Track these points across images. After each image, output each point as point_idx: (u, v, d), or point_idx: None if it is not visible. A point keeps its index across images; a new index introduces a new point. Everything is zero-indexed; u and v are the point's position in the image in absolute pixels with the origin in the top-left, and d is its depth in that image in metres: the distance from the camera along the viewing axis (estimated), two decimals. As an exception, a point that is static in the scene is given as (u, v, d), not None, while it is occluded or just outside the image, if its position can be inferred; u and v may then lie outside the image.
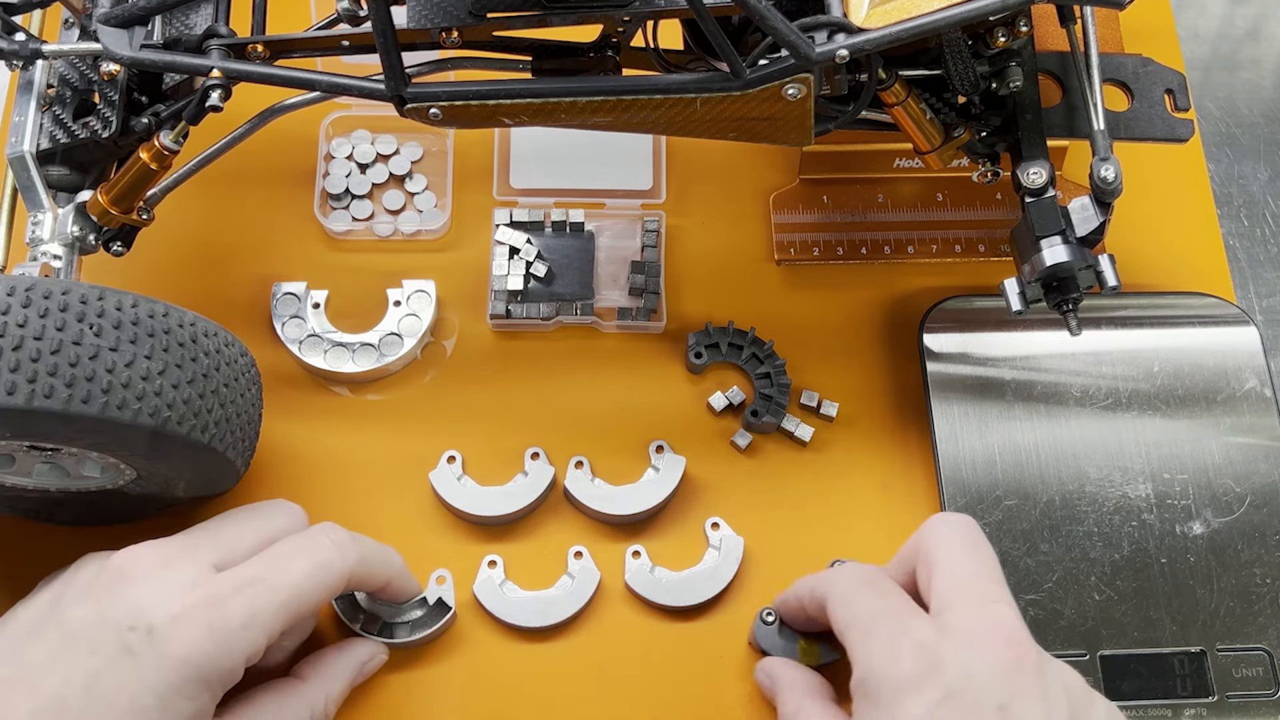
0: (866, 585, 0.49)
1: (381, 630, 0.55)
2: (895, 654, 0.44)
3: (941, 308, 0.62)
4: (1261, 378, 0.61)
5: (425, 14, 0.51)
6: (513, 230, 0.64)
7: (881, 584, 0.49)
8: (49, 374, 0.44)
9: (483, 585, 0.57)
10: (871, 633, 0.46)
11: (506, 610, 0.57)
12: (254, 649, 0.46)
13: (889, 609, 0.47)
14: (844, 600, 0.48)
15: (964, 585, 0.46)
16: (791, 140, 0.52)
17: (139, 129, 0.54)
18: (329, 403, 0.62)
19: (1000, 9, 0.48)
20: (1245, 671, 0.55)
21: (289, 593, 0.47)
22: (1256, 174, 0.70)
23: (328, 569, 0.49)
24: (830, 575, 0.51)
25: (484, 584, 0.57)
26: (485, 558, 0.58)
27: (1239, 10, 0.77)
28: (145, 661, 0.44)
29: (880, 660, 0.45)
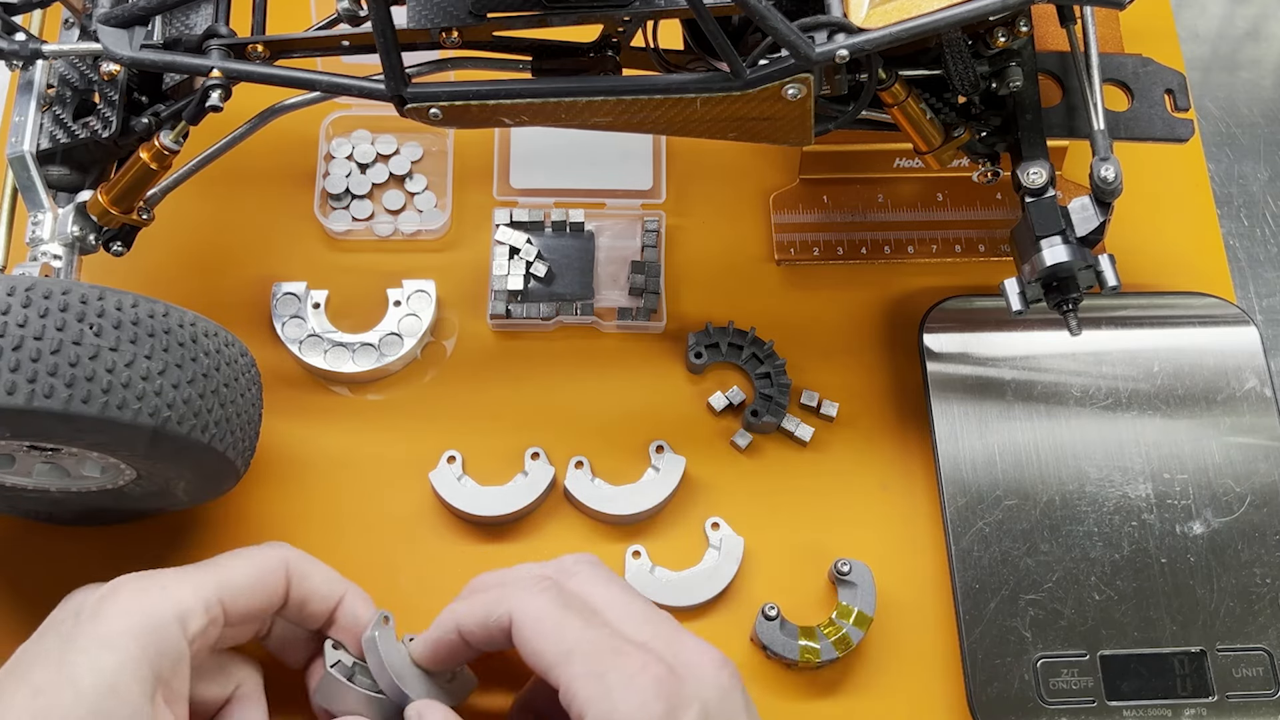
0: (563, 609, 0.45)
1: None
2: (639, 695, 0.42)
3: (941, 308, 0.62)
4: (1261, 378, 0.61)
5: (425, 14, 0.51)
6: (513, 230, 0.64)
7: (574, 605, 0.46)
8: (49, 374, 0.44)
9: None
10: (606, 673, 0.43)
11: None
12: (183, 607, 0.45)
13: (607, 641, 0.44)
14: (545, 630, 0.45)
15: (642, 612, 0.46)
16: (791, 140, 0.52)
17: (139, 129, 0.54)
18: (329, 403, 0.62)
19: (1000, 9, 0.48)
20: (1245, 671, 0.55)
21: (224, 572, 0.47)
22: (1256, 174, 0.70)
23: (266, 559, 0.49)
24: (504, 598, 0.47)
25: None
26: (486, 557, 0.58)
27: (1239, 10, 0.77)
28: (78, 630, 0.44)
29: (625, 705, 0.42)
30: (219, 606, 0.46)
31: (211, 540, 0.58)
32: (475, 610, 0.47)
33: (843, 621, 0.56)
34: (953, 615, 0.56)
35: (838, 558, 0.57)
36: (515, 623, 0.46)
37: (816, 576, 0.58)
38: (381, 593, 0.57)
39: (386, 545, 0.59)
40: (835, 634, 0.55)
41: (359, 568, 0.58)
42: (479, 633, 0.47)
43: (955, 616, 0.56)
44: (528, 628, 0.45)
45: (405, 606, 0.57)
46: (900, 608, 0.58)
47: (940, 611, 0.57)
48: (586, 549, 0.58)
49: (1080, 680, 0.55)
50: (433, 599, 0.57)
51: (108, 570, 0.55)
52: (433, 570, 0.58)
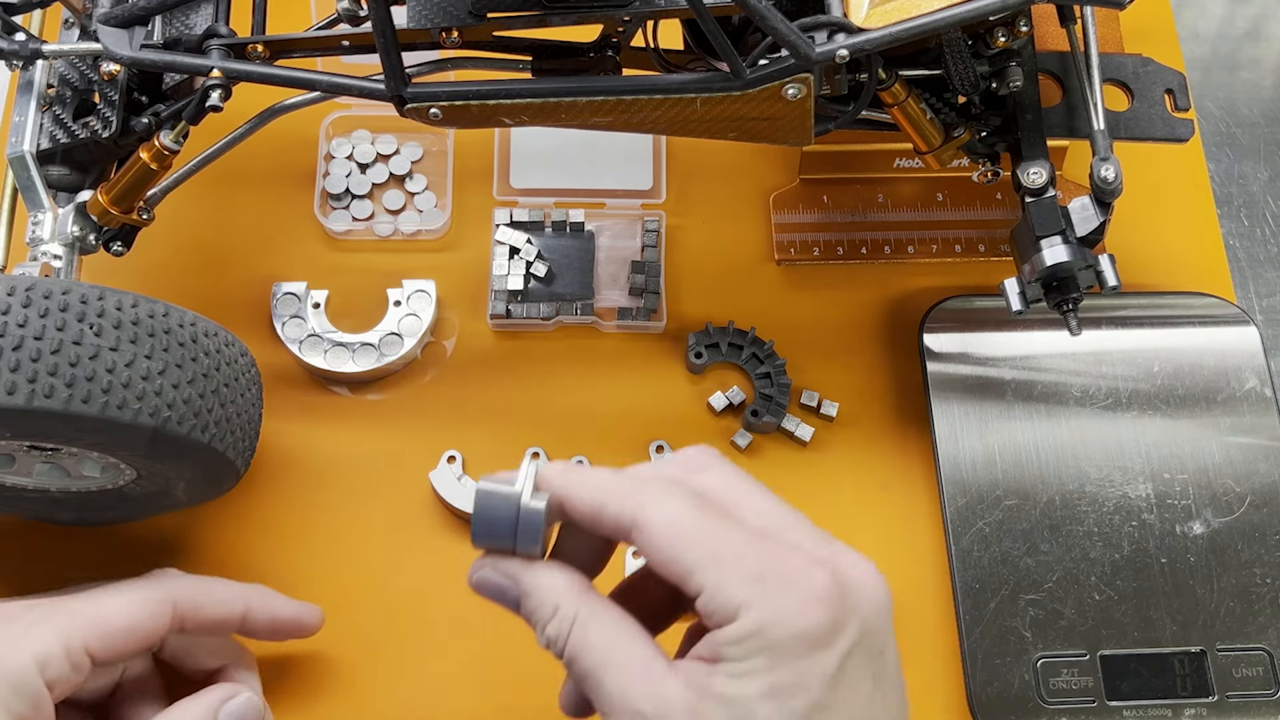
0: (703, 509, 0.39)
1: None
2: (804, 605, 0.38)
3: (941, 308, 0.62)
4: (1261, 377, 0.61)
5: (425, 14, 0.51)
6: (513, 230, 0.64)
7: (713, 506, 0.40)
8: (49, 374, 0.44)
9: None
10: (765, 575, 0.38)
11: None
12: (43, 652, 0.44)
13: (761, 543, 0.39)
14: (683, 530, 0.39)
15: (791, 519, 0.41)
16: (791, 140, 0.52)
17: (139, 129, 0.54)
18: (329, 403, 0.62)
19: (1000, 9, 0.48)
20: (1245, 671, 0.55)
21: (88, 605, 0.46)
22: (1257, 174, 0.70)
23: (148, 599, 0.48)
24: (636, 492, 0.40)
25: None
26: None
27: (1239, 10, 0.77)
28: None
29: (787, 612, 0.37)
30: (83, 653, 0.45)
31: (211, 540, 0.58)
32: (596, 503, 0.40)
33: (843, 621, 0.56)
34: (953, 615, 0.56)
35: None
36: (644, 529, 0.39)
37: (816, 576, 0.58)
38: (381, 593, 0.58)
39: (386, 545, 0.59)
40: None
41: (359, 568, 0.58)
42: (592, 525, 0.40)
43: (955, 616, 0.56)
44: (660, 534, 0.39)
45: (405, 607, 0.57)
46: (900, 608, 0.57)
47: (940, 611, 0.57)
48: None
49: (1080, 680, 0.55)
50: (432, 599, 0.57)
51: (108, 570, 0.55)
52: (433, 570, 0.58)
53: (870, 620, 0.39)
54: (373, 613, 0.57)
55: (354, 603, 0.57)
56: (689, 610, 0.42)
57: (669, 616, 0.44)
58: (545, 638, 0.40)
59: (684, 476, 0.41)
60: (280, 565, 0.58)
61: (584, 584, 0.40)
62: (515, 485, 0.40)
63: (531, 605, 0.40)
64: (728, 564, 0.38)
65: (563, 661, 0.40)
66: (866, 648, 0.39)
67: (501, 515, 0.40)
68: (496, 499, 0.39)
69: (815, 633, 0.38)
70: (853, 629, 0.38)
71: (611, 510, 0.39)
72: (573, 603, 0.39)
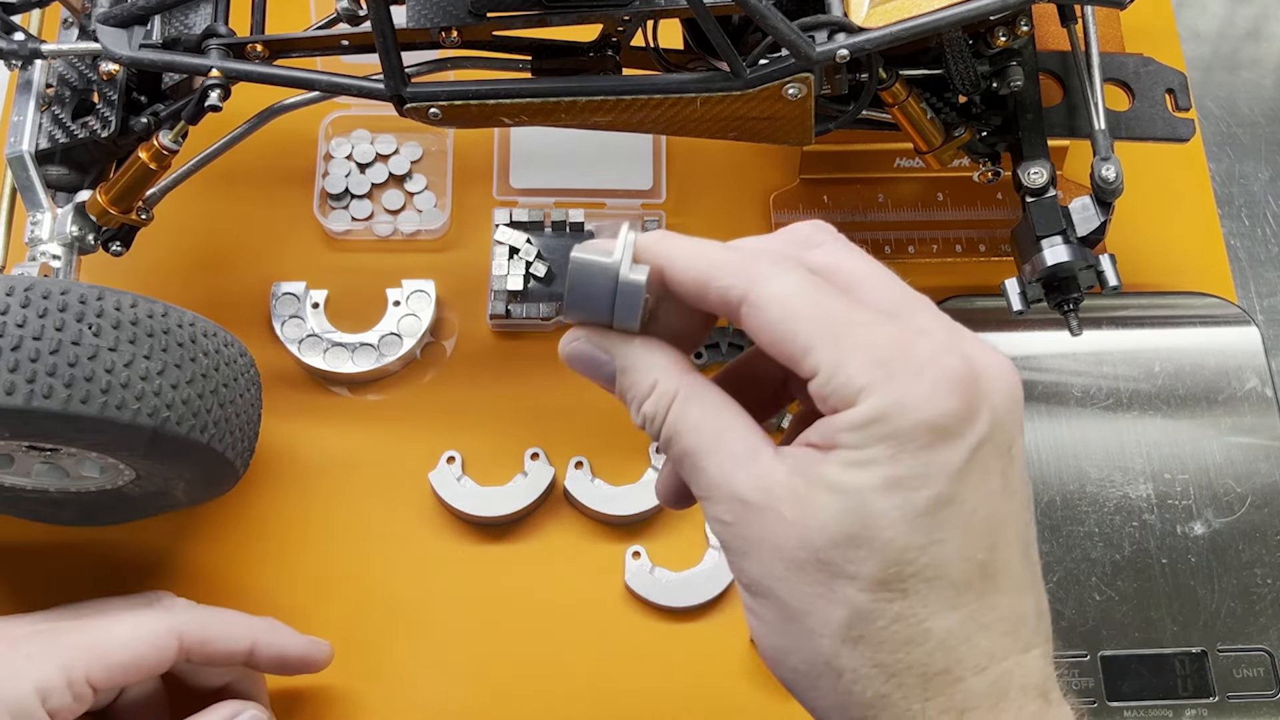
0: (822, 288, 0.36)
1: None
2: (933, 391, 0.34)
3: (942, 308, 0.62)
4: (1262, 378, 0.61)
5: (425, 14, 0.51)
6: (513, 230, 0.64)
7: (832, 288, 0.36)
8: (48, 374, 0.44)
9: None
10: (890, 359, 0.35)
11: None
12: (45, 682, 0.44)
13: (889, 326, 0.36)
14: (800, 306, 0.35)
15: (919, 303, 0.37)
16: (791, 140, 0.52)
17: (138, 129, 0.54)
18: (329, 403, 0.62)
19: (1000, 9, 0.48)
20: (1246, 672, 0.55)
21: (92, 634, 0.46)
22: (1257, 174, 0.70)
23: (154, 631, 0.47)
24: (746, 263, 0.36)
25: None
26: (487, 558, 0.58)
27: (1240, 10, 0.77)
28: None
29: (914, 397, 0.34)
30: (85, 684, 0.45)
31: (211, 540, 0.58)
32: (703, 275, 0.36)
33: (843, 622, 0.56)
34: (953, 616, 0.56)
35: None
36: (755, 304, 0.35)
37: (817, 577, 0.58)
38: (381, 593, 0.57)
39: (386, 545, 0.59)
40: (835, 634, 0.55)
41: (358, 568, 0.58)
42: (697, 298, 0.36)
43: (956, 617, 0.56)
44: (774, 311, 0.35)
45: (404, 607, 0.57)
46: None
47: (941, 612, 0.57)
48: (586, 549, 0.58)
49: (1081, 680, 0.55)
50: (432, 599, 0.57)
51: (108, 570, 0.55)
52: (432, 570, 0.58)
53: (1002, 413, 0.35)
54: (372, 612, 0.57)
55: (353, 602, 0.57)
56: (800, 398, 0.39)
57: (775, 405, 0.40)
58: (641, 415, 0.37)
59: (798, 253, 0.37)
60: (279, 566, 0.58)
61: (685, 361, 0.37)
62: (614, 255, 0.35)
63: (628, 381, 0.37)
64: (849, 344, 0.35)
65: (659, 442, 0.37)
66: (997, 442, 0.35)
67: (598, 287, 0.36)
68: (593, 269, 0.35)
69: (944, 422, 0.34)
70: (984, 421, 0.35)
71: (720, 283, 0.35)
72: (673, 379, 0.36)
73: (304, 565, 0.58)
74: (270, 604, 0.54)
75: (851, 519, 0.34)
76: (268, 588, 0.57)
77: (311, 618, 0.56)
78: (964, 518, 0.34)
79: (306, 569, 0.58)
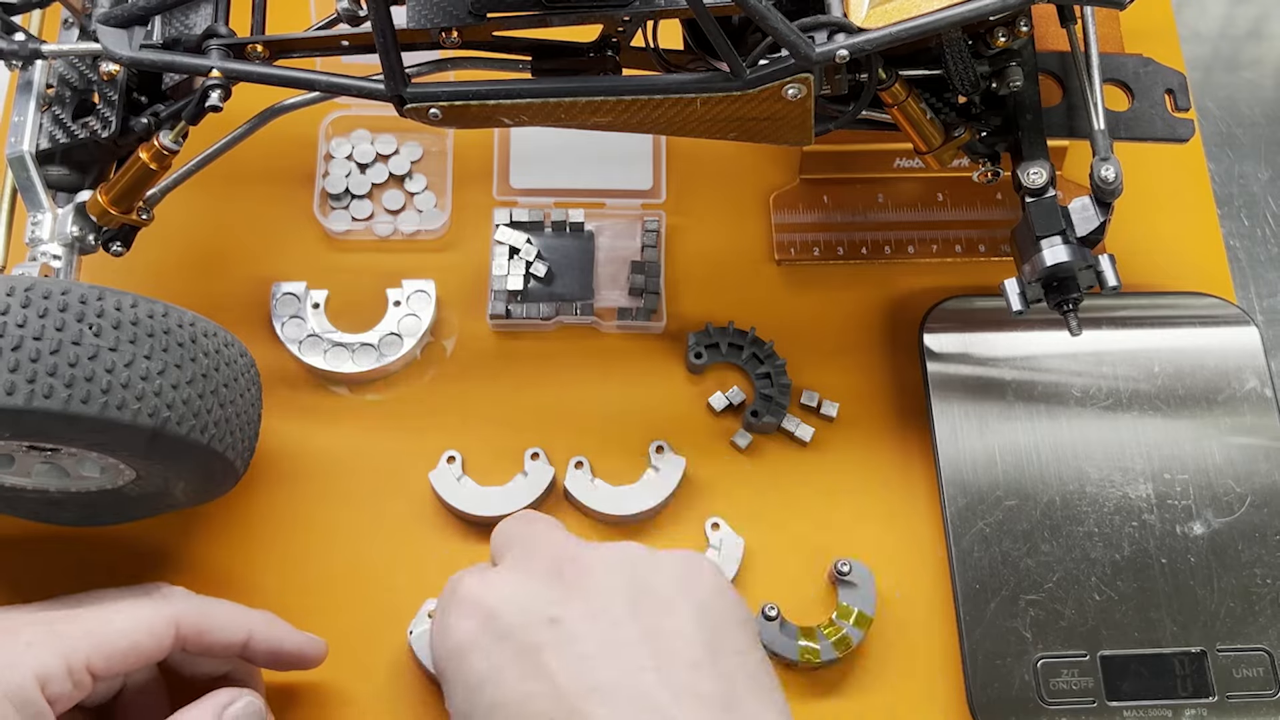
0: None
1: None
2: (448, 623, 0.45)
3: (941, 308, 0.62)
4: (1262, 378, 0.61)
5: (425, 14, 0.51)
6: (513, 230, 0.64)
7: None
8: (48, 374, 0.44)
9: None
10: (437, 618, 0.46)
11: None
12: (44, 669, 0.44)
13: (451, 581, 0.47)
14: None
15: (511, 537, 0.48)
16: (791, 140, 0.52)
17: (138, 129, 0.54)
18: (329, 403, 0.62)
19: (1000, 9, 0.48)
20: (1246, 672, 0.55)
21: (91, 623, 0.46)
22: (1257, 174, 0.70)
23: (153, 620, 0.47)
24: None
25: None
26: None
27: (1239, 10, 0.77)
28: None
29: (438, 637, 0.45)
30: (84, 671, 0.45)
31: (211, 540, 0.58)
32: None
33: (843, 622, 0.56)
34: (953, 616, 0.56)
35: (838, 558, 0.57)
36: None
37: (816, 577, 0.58)
38: (381, 593, 0.58)
39: (386, 545, 0.59)
40: (835, 634, 0.55)
41: (358, 568, 0.58)
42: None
43: (955, 617, 0.56)
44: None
45: (404, 607, 0.57)
46: (900, 608, 0.58)
47: (940, 612, 0.57)
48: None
49: (1080, 681, 0.55)
50: (432, 600, 0.57)
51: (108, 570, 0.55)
52: (433, 570, 0.58)
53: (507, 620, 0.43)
54: (372, 613, 0.57)
55: (353, 603, 0.57)
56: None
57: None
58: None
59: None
60: (279, 565, 0.58)
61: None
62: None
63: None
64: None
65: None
66: (513, 634, 0.42)
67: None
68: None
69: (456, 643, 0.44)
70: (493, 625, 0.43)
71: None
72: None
73: (304, 565, 0.58)
74: (270, 603, 0.54)
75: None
76: (267, 587, 0.57)
77: (311, 617, 0.55)
78: (515, 713, 0.41)
79: (306, 569, 0.58)
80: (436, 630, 0.46)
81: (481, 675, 0.42)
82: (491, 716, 0.41)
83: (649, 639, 0.42)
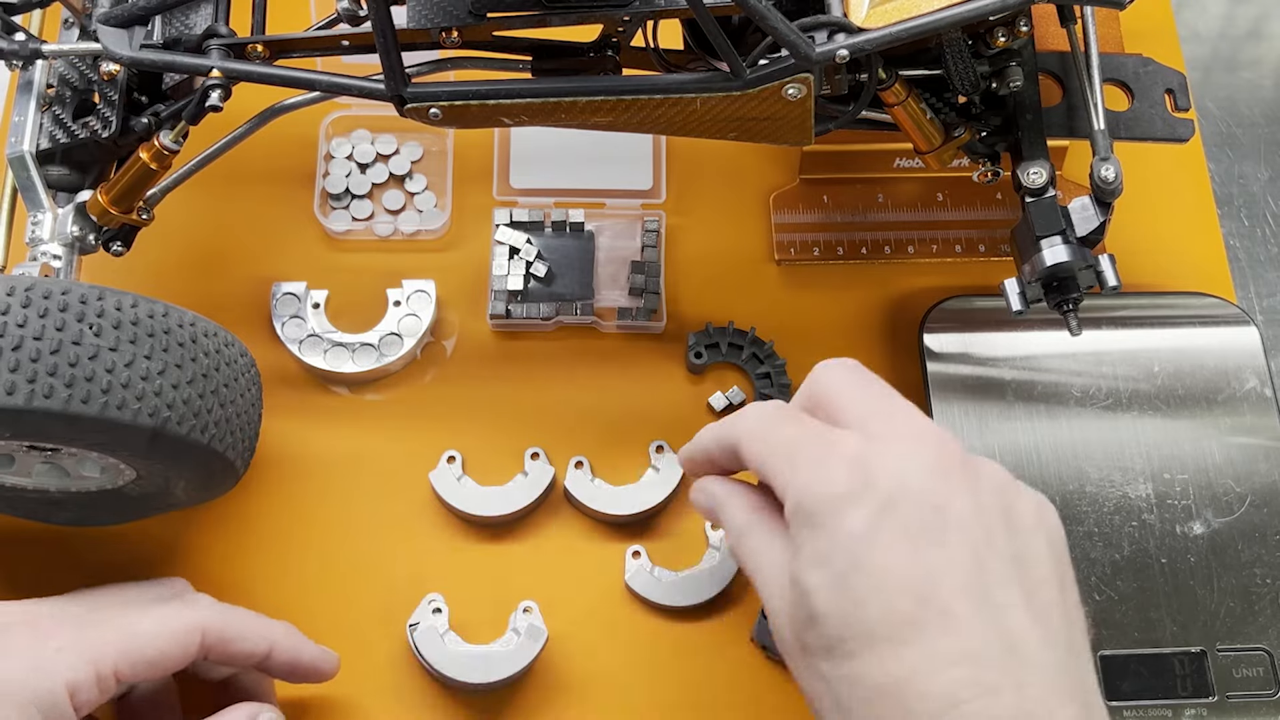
0: (778, 416, 0.46)
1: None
2: (826, 472, 0.42)
3: (941, 308, 0.62)
4: (1262, 378, 0.61)
5: (425, 14, 0.51)
6: (513, 230, 0.64)
7: (792, 412, 0.46)
8: (49, 374, 0.44)
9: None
10: (797, 457, 0.43)
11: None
12: (74, 678, 0.44)
13: (808, 432, 0.44)
14: (758, 435, 0.45)
15: (875, 404, 0.45)
16: (791, 140, 0.52)
17: (139, 129, 0.54)
18: (329, 403, 0.62)
19: (1000, 9, 0.48)
20: (1246, 671, 0.55)
21: (119, 627, 0.46)
22: (1257, 174, 0.70)
23: (180, 628, 0.47)
24: (735, 418, 0.47)
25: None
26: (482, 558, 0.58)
27: (1239, 10, 0.77)
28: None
29: (811, 481, 0.42)
30: (112, 678, 0.45)
31: (211, 541, 0.58)
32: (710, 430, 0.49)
33: (843, 622, 0.56)
34: (953, 615, 0.56)
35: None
36: (739, 445, 0.46)
37: (816, 577, 0.58)
38: (381, 592, 0.58)
39: (386, 545, 0.59)
40: (835, 634, 0.55)
41: (358, 567, 0.58)
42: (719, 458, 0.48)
43: (955, 617, 0.56)
44: (748, 447, 0.46)
45: (404, 606, 0.57)
46: (900, 608, 0.58)
47: (940, 612, 0.57)
48: (586, 549, 0.58)
49: (1080, 680, 0.55)
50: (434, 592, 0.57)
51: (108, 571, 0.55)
52: (432, 570, 0.58)
53: (912, 480, 0.41)
54: (372, 612, 0.57)
55: (353, 602, 0.57)
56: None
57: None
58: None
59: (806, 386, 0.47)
60: (279, 565, 0.58)
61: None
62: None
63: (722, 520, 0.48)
64: (776, 456, 0.44)
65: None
66: (908, 505, 0.41)
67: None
68: None
69: (838, 493, 0.41)
70: (882, 489, 0.41)
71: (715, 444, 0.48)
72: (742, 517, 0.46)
73: (304, 565, 0.58)
74: (270, 604, 0.54)
75: (801, 602, 0.41)
76: (268, 588, 0.57)
77: (311, 616, 0.56)
78: (878, 578, 0.40)
79: (306, 568, 0.58)
80: (806, 476, 0.42)
81: (858, 530, 0.40)
82: (854, 573, 0.40)
83: (1015, 562, 0.41)
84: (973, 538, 0.41)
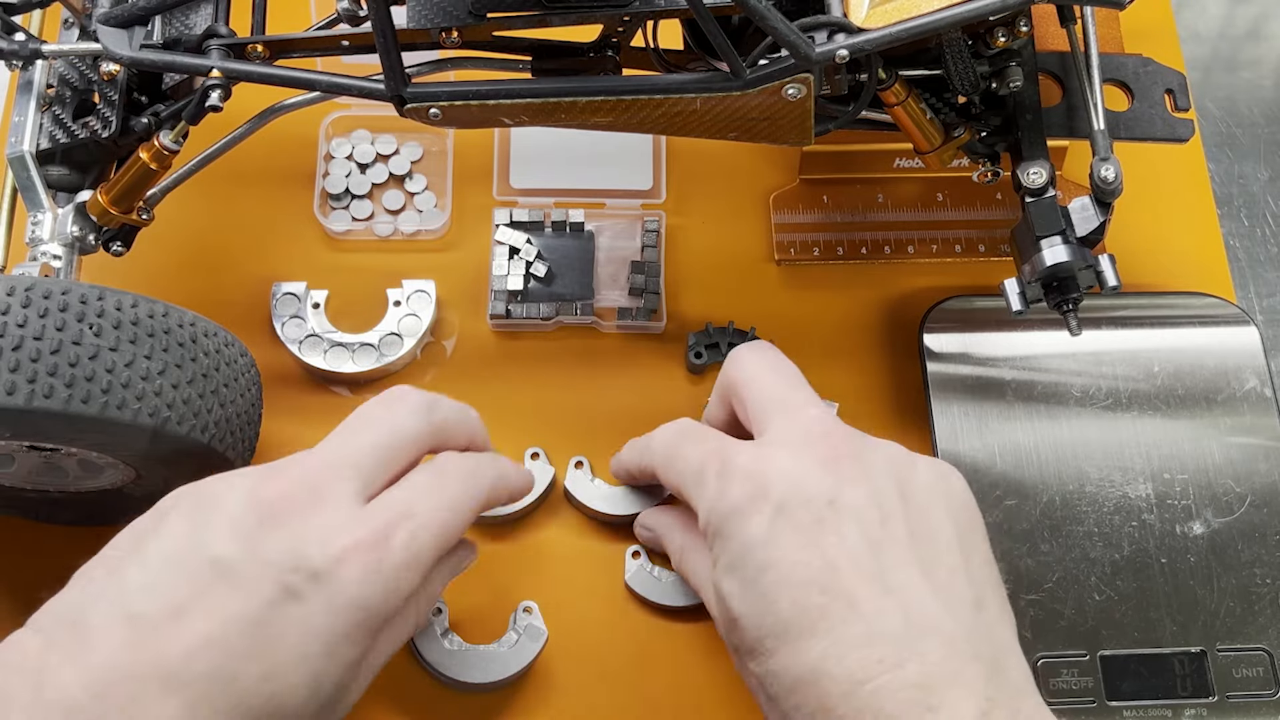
0: (682, 438, 0.50)
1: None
2: (726, 486, 0.46)
3: (941, 308, 0.62)
4: (1261, 378, 0.61)
5: (425, 14, 0.51)
6: (513, 230, 0.64)
7: (695, 431, 0.51)
8: (49, 374, 0.44)
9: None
10: (702, 476, 0.47)
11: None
12: (414, 587, 0.44)
13: (708, 450, 0.48)
14: (667, 459, 0.51)
15: (773, 401, 0.49)
16: (791, 140, 0.52)
17: (139, 129, 0.54)
18: (329, 403, 0.62)
19: (1000, 9, 0.48)
20: (1245, 672, 0.55)
21: (441, 528, 0.45)
22: (1257, 174, 0.70)
23: (473, 493, 0.48)
24: (647, 441, 0.53)
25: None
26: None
27: (1239, 10, 0.77)
28: (311, 606, 0.41)
29: (715, 497, 0.46)
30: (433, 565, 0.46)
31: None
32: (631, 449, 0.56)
33: (843, 622, 0.56)
34: (953, 615, 0.56)
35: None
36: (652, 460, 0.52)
37: (816, 576, 0.58)
38: (381, 593, 0.57)
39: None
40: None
41: (359, 568, 0.58)
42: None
43: (955, 617, 0.56)
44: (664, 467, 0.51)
45: (405, 606, 0.57)
46: (900, 608, 0.58)
47: (940, 612, 0.57)
48: (586, 549, 0.58)
49: (1080, 680, 0.55)
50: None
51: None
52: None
53: (799, 480, 0.45)
54: (372, 613, 0.57)
55: (354, 603, 0.57)
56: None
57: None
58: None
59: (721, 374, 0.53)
60: (280, 565, 0.58)
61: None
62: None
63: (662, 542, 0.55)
64: (684, 478, 0.49)
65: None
66: (799, 505, 0.44)
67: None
68: None
69: (736, 505, 0.45)
70: (775, 493, 0.45)
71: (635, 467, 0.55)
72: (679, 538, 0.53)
73: (304, 565, 0.58)
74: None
75: (723, 607, 0.45)
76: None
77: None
78: (783, 577, 0.43)
79: (307, 569, 0.58)
80: (710, 493, 0.46)
81: (758, 536, 0.44)
82: (761, 576, 0.43)
83: (914, 539, 0.44)
84: (867, 523, 0.44)
